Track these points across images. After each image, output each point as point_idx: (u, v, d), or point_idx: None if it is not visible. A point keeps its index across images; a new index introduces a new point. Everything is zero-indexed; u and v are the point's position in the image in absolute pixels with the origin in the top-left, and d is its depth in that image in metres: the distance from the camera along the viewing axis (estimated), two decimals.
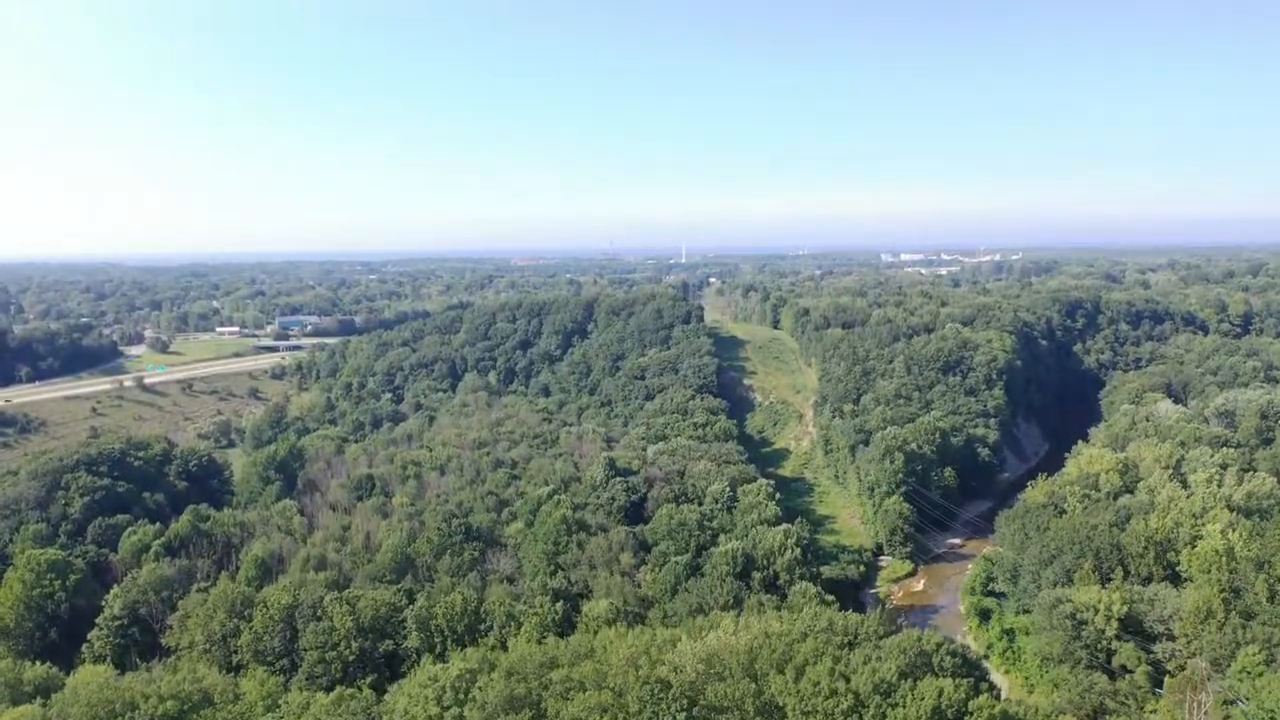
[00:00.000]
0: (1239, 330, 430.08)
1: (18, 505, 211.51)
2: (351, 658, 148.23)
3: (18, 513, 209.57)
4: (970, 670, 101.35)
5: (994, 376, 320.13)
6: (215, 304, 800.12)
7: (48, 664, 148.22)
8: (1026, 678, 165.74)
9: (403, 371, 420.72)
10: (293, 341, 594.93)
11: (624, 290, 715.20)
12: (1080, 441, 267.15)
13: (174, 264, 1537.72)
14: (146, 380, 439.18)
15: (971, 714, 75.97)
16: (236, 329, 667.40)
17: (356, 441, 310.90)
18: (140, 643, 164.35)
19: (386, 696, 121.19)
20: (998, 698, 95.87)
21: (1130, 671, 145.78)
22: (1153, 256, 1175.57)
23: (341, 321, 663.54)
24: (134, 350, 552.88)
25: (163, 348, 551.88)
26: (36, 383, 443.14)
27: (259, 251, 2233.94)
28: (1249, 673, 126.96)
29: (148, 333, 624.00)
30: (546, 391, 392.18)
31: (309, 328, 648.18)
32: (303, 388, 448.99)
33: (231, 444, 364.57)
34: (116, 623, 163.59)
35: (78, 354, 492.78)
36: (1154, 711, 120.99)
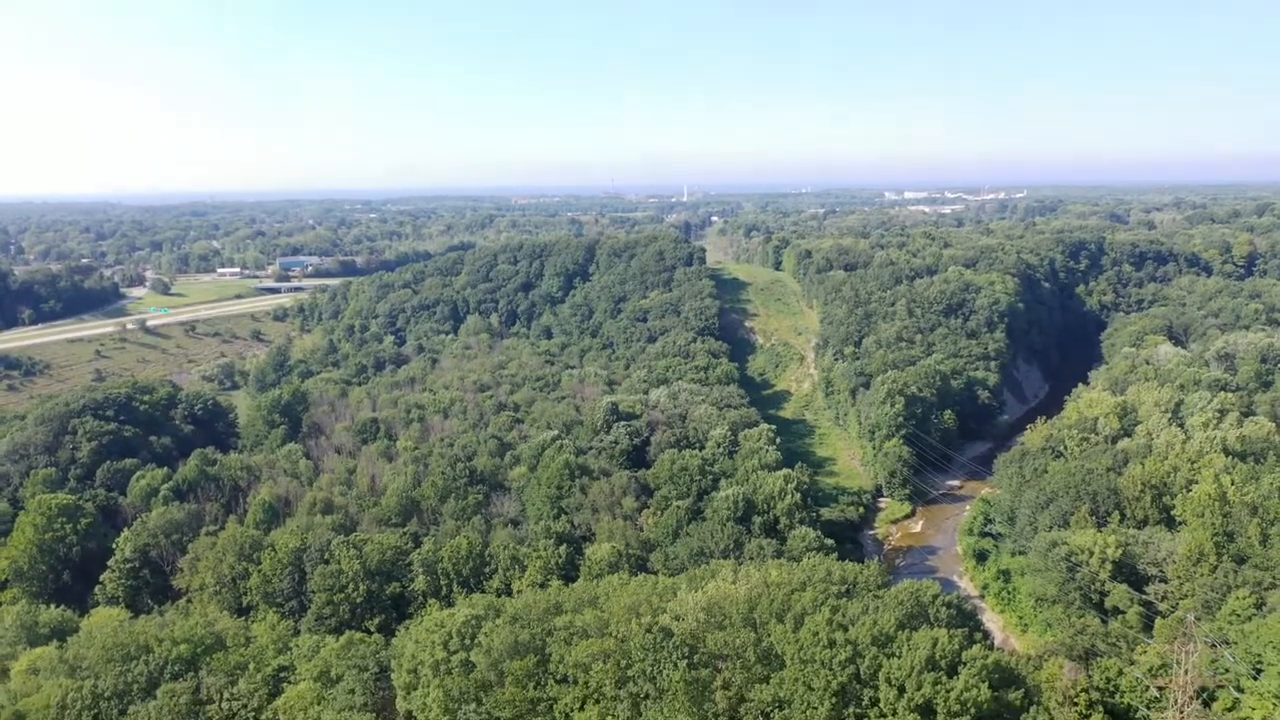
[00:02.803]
0: (1242, 272, 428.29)
1: (26, 450, 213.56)
2: (359, 600, 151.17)
3: (26, 457, 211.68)
4: (965, 620, 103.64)
5: (995, 319, 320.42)
6: (215, 244, 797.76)
7: (62, 607, 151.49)
8: (1020, 617, 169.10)
9: (404, 313, 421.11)
10: (294, 283, 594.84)
11: (626, 231, 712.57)
12: (1080, 384, 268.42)
13: (172, 203, 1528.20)
14: (149, 322, 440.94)
15: (965, 664, 78.02)
16: (237, 270, 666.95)
17: (360, 384, 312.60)
18: (152, 585, 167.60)
19: (394, 640, 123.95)
20: (991, 647, 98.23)
21: (1122, 613, 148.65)
22: (1158, 195, 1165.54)
23: (343, 262, 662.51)
24: (136, 292, 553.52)
25: (164, 289, 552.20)
26: (39, 325, 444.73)
27: (257, 190, 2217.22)
28: (1238, 616, 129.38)
29: (149, 274, 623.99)
30: (548, 333, 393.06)
31: (310, 269, 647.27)
32: (305, 330, 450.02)
33: (235, 386, 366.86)
34: (128, 565, 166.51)
35: (79, 296, 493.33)
36: (1144, 653, 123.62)
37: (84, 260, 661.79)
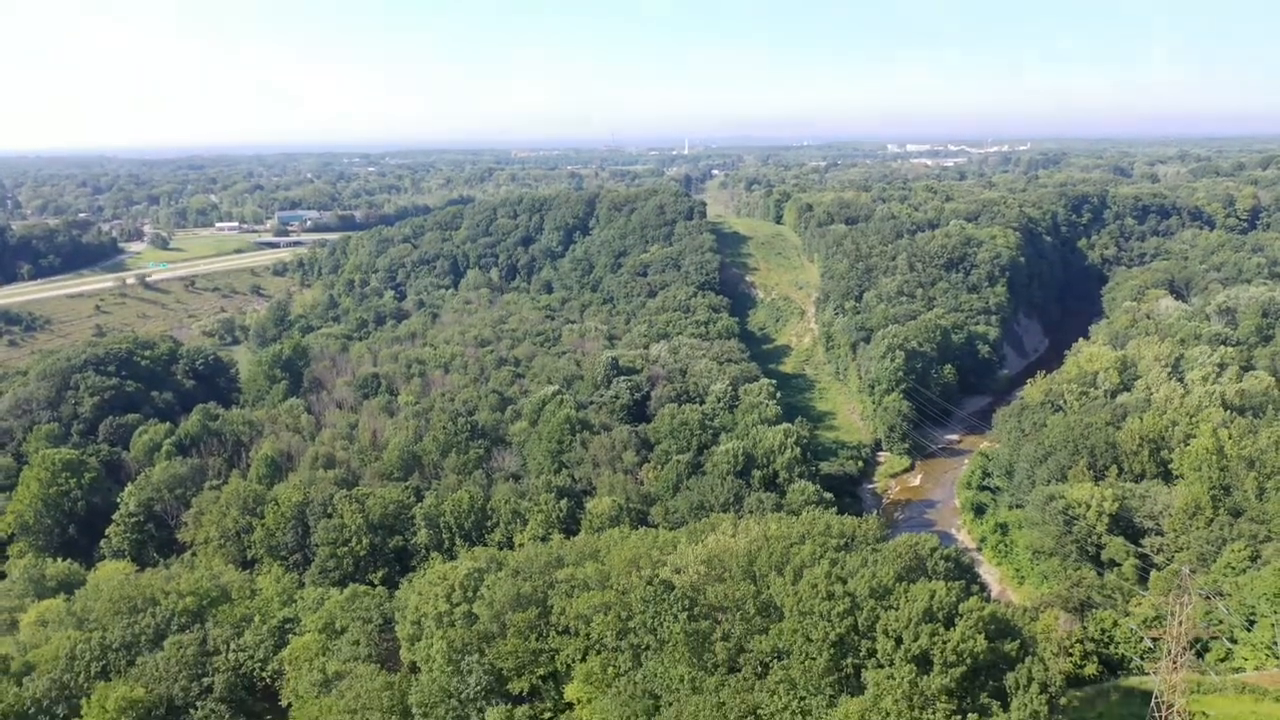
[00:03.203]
0: (1246, 225, 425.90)
1: (29, 405, 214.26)
2: (362, 553, 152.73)
3: (29, 412, 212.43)
4: (962, 573, 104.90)
5: (997, 273, 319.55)
6: (213, 198, 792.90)
7: (68, 560, 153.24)
8: (1017, 569, 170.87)
9: (404, 268, 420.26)
10: (293, 237, 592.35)
11: (626, 184, 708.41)
12: (1080, 338, 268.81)
13: (168, 157, 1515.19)
14: (149, 278, 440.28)
15: (962, 615, 78.94)
16: (236, 224, 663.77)
17: (360, 339, 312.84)
18: (157, 538, 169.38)
19: (397, 592, 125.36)
20: (988, 599, 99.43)
21: (1118, 565, 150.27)
22: (1163, 148, 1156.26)
23: (341, 216, 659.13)
24: (134, 247, 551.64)
25: (163, 244, 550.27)
26: (39, 280, 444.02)
27: (254, 144, 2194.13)
28: (1233, 568, 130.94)
29: (147, 229, 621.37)
30: (549, 288, 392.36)
31: (309, 223, 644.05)
32: (305, 285, 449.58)
33: (236, 341, 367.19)
34: (133, 519, 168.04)
35: (78, 251, 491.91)
36: (1139, 605, 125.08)
37: (81, 215, 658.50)
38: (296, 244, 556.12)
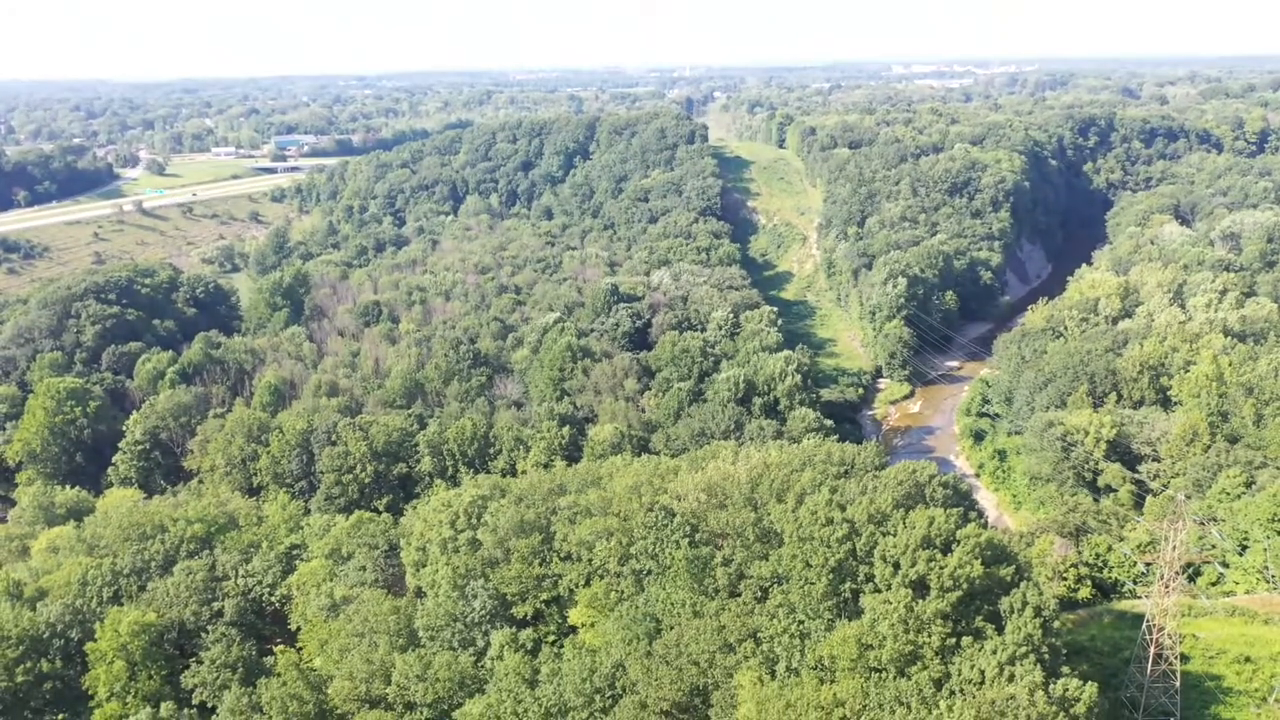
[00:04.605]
0: (1254, 148, 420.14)
1: (31, 334, 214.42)
2: (367, 480, 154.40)
3: (31, 341, 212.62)
4: (960, 499, 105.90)
5: (1001, 198, 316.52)
6: (209, 123, 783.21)
7: (77, 488, 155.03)
8: (1014, 495, 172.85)
9: (403, 194, 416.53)
10: (290, 163, 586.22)
11: (627, 107, 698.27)
12: (1084, 264, 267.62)
13: (162, 82, 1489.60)
14: (146, 204, 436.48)
15: (959, 542, 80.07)
16: (232, 149, 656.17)
17: (360, 266, 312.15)
18: (163, 466, 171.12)
19: (402, 519, 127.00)
20: (985, 525, 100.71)
21: (1114, 491, 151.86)
22: (1172, 69, 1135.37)
23: (339, 141, 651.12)
24: (131, 172, 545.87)
25: (159, 170, 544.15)
26: (35, 207, 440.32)
27: (249, 76, 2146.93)
28: (1228, 494, 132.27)
29: (143, 154, 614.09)
30: (549, 214, 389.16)
31: (306, 148, 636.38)
32: (303, 211, 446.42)
33: (235, 268, 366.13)
34: (139, 447, 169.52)
35: (74, 177, 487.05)
36: (1133, 530, 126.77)
37: (76, 140, 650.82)
38: (294, 170, 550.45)
